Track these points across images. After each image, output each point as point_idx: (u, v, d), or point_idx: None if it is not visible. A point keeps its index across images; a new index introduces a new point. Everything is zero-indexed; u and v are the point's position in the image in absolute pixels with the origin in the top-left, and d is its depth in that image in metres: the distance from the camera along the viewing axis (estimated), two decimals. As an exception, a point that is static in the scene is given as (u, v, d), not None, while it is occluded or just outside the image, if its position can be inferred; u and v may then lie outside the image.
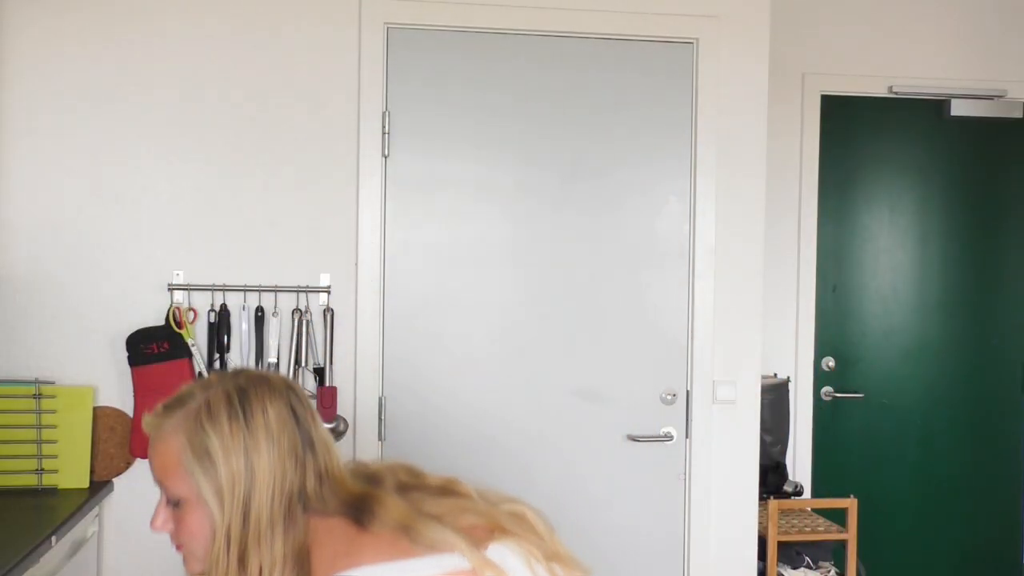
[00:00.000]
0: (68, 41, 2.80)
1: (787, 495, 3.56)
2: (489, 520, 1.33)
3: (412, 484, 1.40)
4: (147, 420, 1.34)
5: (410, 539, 1.25)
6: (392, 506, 1.30)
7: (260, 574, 1.26)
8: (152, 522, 1.34)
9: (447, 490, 1.40)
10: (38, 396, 2.67)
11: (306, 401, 1.39)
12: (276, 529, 1.27)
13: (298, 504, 1.30)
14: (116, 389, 2.80)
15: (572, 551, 1.41)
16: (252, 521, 1.26)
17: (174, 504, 1.31)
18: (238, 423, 1.29)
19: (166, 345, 2.77)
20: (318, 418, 1.39)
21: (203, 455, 1.27)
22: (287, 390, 1.37)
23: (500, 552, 1.29)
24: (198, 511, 1.29)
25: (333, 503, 1.32)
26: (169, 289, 2.82)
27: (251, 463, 1.27)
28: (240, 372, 1.38)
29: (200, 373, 2.80)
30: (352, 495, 1.33)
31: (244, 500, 1.26)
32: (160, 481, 1.32)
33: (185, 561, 1.36)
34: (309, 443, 1.33)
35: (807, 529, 3.42)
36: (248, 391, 1.32)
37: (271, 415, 1.31)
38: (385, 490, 1.35)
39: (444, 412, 2.96)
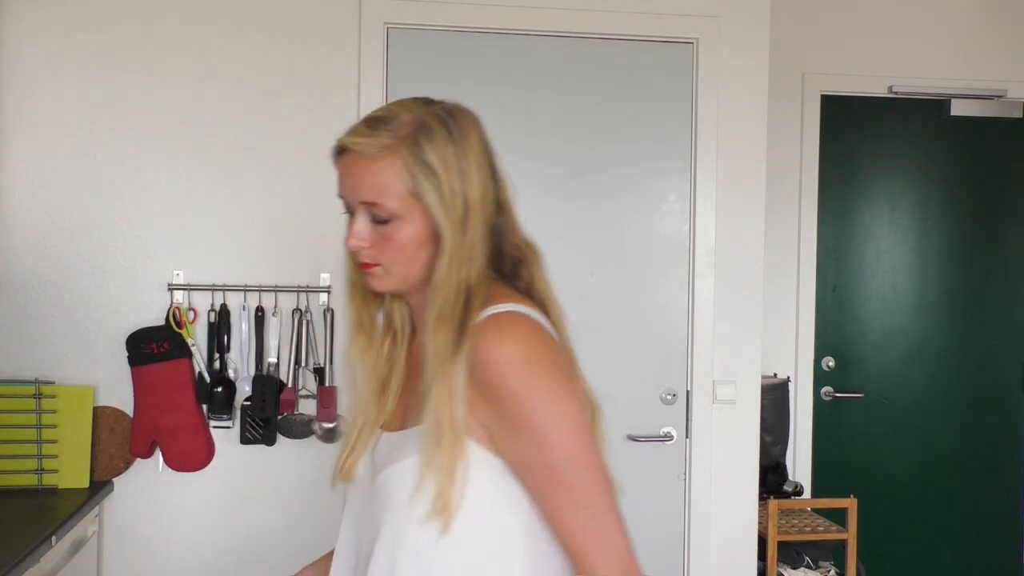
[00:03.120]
0: (68, 41, 2.80)
1: (787, 495, 3.56)
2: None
3: None
4: (349, 138, 1.35)
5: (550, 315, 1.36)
6: (543, 274, 1.42)
7: (465, 289, 1.30)
8: (349, 239, 1.35)
9: None
10: (38, 396, 2.67)
11: (489, 140, 1.41)
12: (481, 248, 1.32)
13: (491, 228, 1.35)
14: (116, 389, 2.80)
15: None
16: (468, 238, 1.31)
17: (381, 222, 1.32)
18: (454, 145, 1.31)
19: (166, 345, 2.77)
20: (495, 156, 1.41)
21: (428, 171, 1.29)
22: (479, 122, 1.39)
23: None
24: (412, 226, 1.31)
25: (509, 237, 1.39)
26: (169, 289, 2.82)
27: (466, 183, 1.31)
28: (435, 100, 1.38)
29: (200, 373, 2.80)
30: (521, 238, 1.41)
31: (462, 217, 1.30)
32: (371, 199, 1.32)
33: (372, 279, 1.36)
34: (497, 174, 1.38)
35: (807, 529, 3.42)
36: (457, 117, 1.34)
37: (475, 141, 1.34)
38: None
39: (444, 412, 2.96)
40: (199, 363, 2.81)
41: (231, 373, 2.84)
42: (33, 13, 2.79)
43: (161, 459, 2.80)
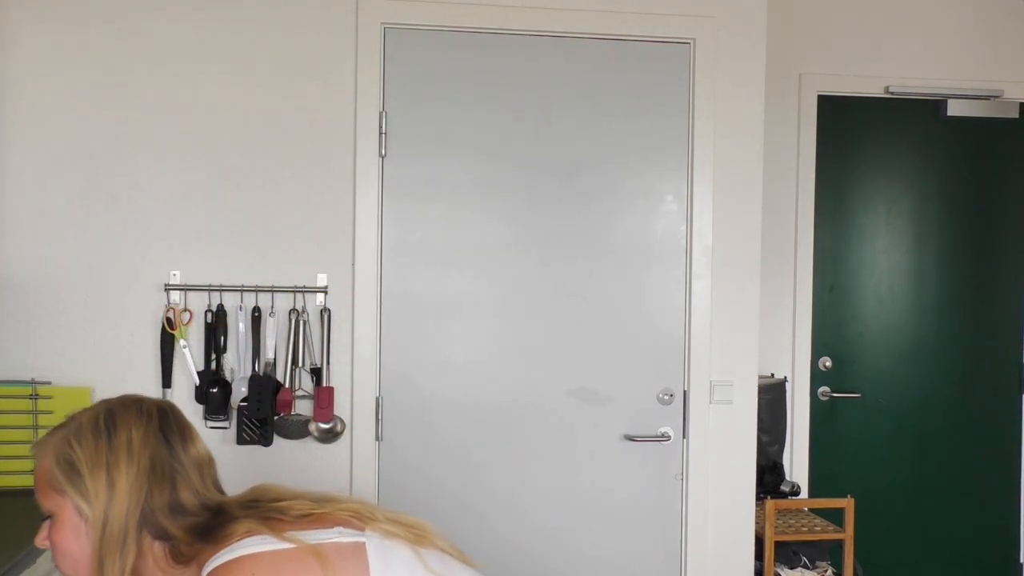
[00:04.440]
0: (66, 42, 2.80)
1: (784, 495, 3.56)
2: (362, 508, 1.43)
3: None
4: (33, 444, 1.44)
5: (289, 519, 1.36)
6: (276, 488, 1.43)
7: None
8: (36, 538, 1.41)
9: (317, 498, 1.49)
10: (35, 397, 2.67)
11: (181, 425, 1.45)
12: (128, 543, 1.34)
13: (165, 518, 1.36)
14: (112, 390, 2.79)
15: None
16: (110, 530, 1.33)
17: (48, 519, 1.39)
18: (102, 442, 1.37)
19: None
20: (192, 442, 1.45)
21: (70, 470, 1.35)
22: (158, 413, 1.43)
23: (378, 539, 1.38)
24: (64, 526, 1.36)
25: (209, 514, 1.39)
26: (165, 289, 2.82)
27: (112, 479, 1.34)
28: (119, 397, 1.46)
29: (190, 373, 2.81)
30: (233, 501, 1.43)
31: (104, 511, 1.34)
32: (36, 497, 1.40)
33: None
34: (176, 463, 1.40)
35: (804, 529, 3.42)
36: (116, 413, 1.41)
37: (134, 436, 1.38)
38: (264, 489, 1.46)
39: (441, 412, 2.96)
40: (189, 364, 2.80)
41: (227, 374, 2.84)
42: (32, 13, 2.79)
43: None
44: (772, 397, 3.62)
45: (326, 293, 2.89)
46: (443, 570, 1.40)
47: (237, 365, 2.85)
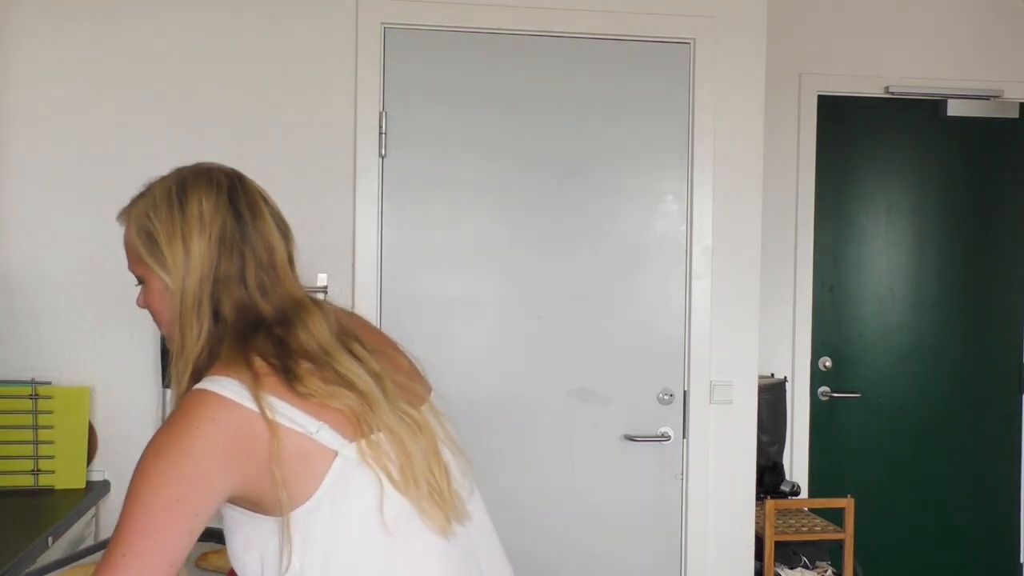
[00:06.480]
0: (68, 43, 2.80)
1: (784, 495, 3.56)
2: (369, 404, 1.35)
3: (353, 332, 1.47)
4: (119, 213, 1.51)
5: (301, 383, 1.31)
6: (318, 329, 1.39)
7: (188, 345, 1.39)
8: (136, 300, 1.50)
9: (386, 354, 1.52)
10: (35, 396, 2.67)
11: (251, 197, 1.46)
12: (203, 308, 1.39)
13: (235, 287, 1.40)
14: (112, 390, 2.80)
15: (459, 496, 1.45)
16: (187, 298, 1.39)
17: (140, 282, 1.47)
18: (175, 212, 1.42)
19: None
20: (262, 215, 1.45)
21: (149, 242, 1.42)
22: (229, 186, 1.46)
23: (355, 454, 1.30)
24: (153, 292, 1.44)
25: (272, 297, 1.41)
26: (166, 289, 2.81)
27: (187, 247, 1.39)
28: (192, 166, 1.51)
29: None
30: (292, 296, 1.42)
31: (182, 279, 1.39)
32: (128, 264, 1.49)
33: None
34: (244, 236, 1.42)
35: (804, 529, 3.42)
36: (187, 182, 1.46)
37: (205, 207, 1.42)
38: (324, 311, 1.43)
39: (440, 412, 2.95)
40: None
41: (228, 373, 2.84)
42: (33, 15, 2.79)
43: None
44: (772, 397, 3.62)
45: (326, 293, 2.88)
46: (396, 528, 1.29)
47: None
